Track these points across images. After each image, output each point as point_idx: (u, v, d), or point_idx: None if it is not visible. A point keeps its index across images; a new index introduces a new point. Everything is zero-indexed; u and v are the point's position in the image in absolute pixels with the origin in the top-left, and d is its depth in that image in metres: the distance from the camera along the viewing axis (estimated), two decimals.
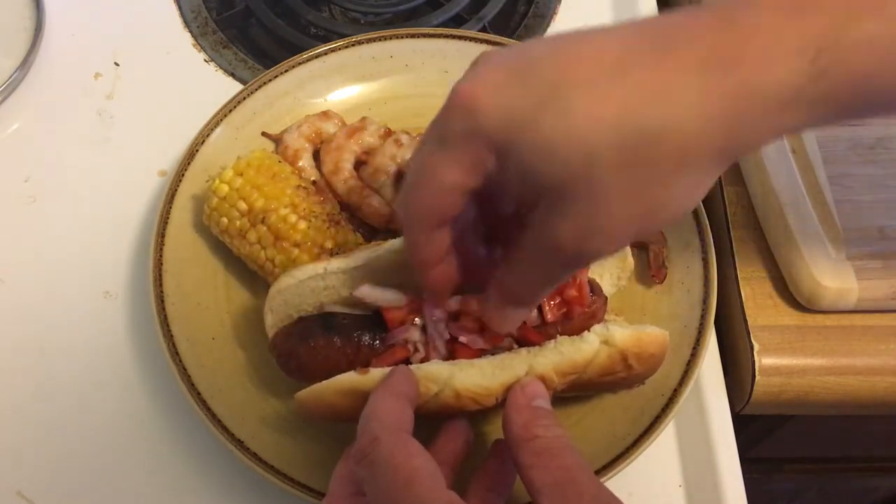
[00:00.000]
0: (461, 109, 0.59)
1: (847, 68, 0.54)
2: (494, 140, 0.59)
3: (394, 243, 0.80)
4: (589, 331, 0.76)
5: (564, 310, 0.77)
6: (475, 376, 0.73)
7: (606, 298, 0.82)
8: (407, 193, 0.66)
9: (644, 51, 0.57)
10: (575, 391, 0.79)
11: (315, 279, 0.79)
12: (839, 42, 0.54)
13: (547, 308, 0.77)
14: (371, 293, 0.77)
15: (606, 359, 0.76)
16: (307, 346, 0.77)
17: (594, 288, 0.80)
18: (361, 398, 0.71)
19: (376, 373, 0.74)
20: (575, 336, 0.76)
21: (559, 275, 0.66)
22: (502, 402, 0.74)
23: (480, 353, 0.76)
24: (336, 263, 0.79)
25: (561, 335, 0.77)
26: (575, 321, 0.77)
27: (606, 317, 0.81)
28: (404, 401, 0.68)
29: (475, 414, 0.76)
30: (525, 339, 0.77)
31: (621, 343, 0.76)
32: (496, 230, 0.73)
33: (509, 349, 0.76)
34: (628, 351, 0.76)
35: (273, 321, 0.81)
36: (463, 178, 0.61)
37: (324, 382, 0.75)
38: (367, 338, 0.77)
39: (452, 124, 0.60)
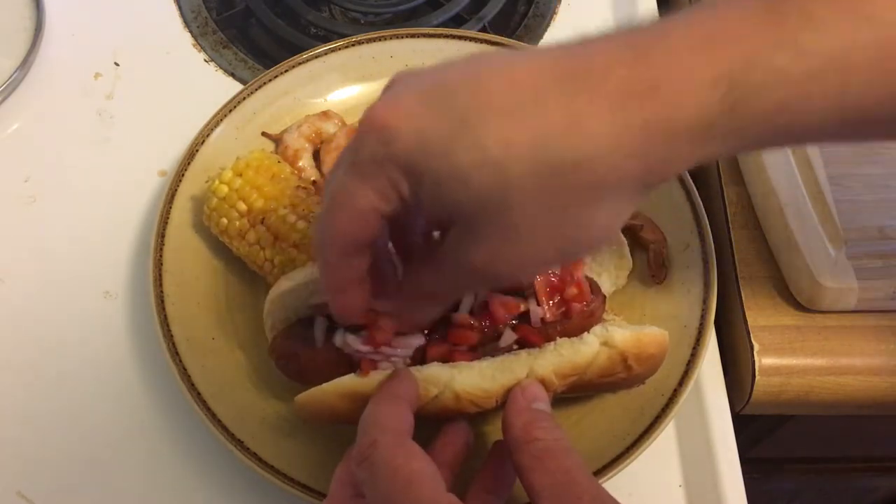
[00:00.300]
0: (375, 134, 0.59)
1: (758, 102, 0.54)
2: (407, 166, 0.58)
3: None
4: (588, 332, 0.76)
5: (563, 308, 0.77)
6: (475, 378, 0.73)
7: (605, 297, 0.82)
8: (322, 218, 0.65)
9: (559, 81, 0.56)
10: (575, 392, 0.79)
11: (315, 282, 0.79)
12: (749, 76, 0.53)
13: (546, 307, 0.77)
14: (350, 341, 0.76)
15: (606, 360, 0.76)
16: (306, 349, 0.77)
17: (592, 287, 0.80)
18: (361, 401, 0.71)
19: (376, 375, 0.73)
20: (574, 338, 0.76)
21: (473, 289, 0.69)
22: (502, 405, 0.74)
23: (476, 356, 0.75)
24: None
25: (560, 336, 0.77)
26: (574, 320, 0.77)
27: (606, 317, 0.81)
28: (405, 404, 0.69)
29: (474, 416, 0.76)
30: (525, 341, 0.77)
31: (621, 344, 0.76)
32: (407, 247, 0.73)
33: (509, 351, 0.76)
34: (628, 352, 0.76)
35: (273, 324, 0.81)
36: (377, 202, 0.61)
37: (323, 385, 0.75)
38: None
39: (366, 149, 0.60)
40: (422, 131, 0.57)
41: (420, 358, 0.76)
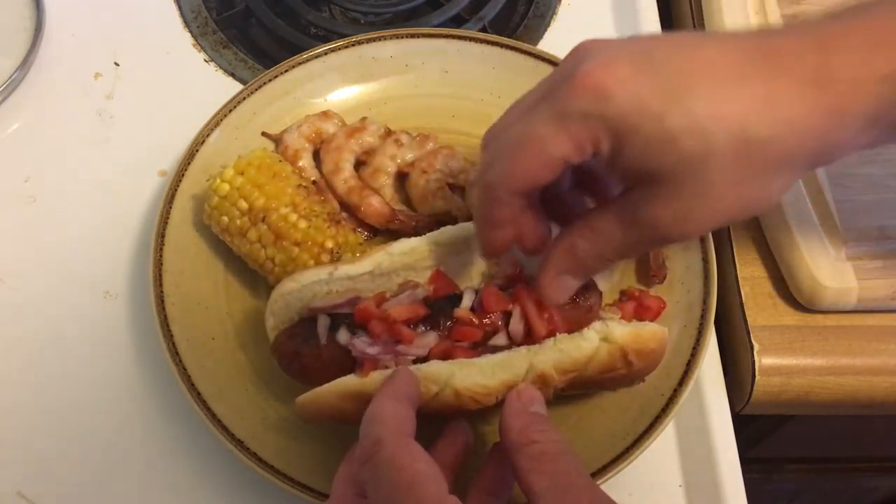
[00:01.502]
0: (589, 92, 0.65)
1: None
2: (617, 125, 0.65)
3: (401, 247, 0.80)
4: (588, 328, 0.76)
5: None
6: (475, 376, 0.73)
7: (601, 294, 0.82)
8: (506, 154, 0.70)
9: (759, 64, 0.65)
10: (576, 389, 0.79)
11: (319, 284, 0.79)
12: None
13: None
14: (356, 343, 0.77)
15: (606, 356, 0.76)
16: (310, 348, 0.77)
17: (589, 283, 0.81)
18: (362, 401, 0.71)
19: (377, 375, 0.74)
20: (574, 333, 0.76)
21: (638, 251, 0.74)
22: (503, 401, 0.74)
23: (476, 353, 0.75)
24: (343, 269, 0.79)
25: (560, 332, 0.77)
26: (571, 314, 0.78)
27: (605, 314, 0.81)
28: (406, 403, 0.69)
29: (475, 413, 0.76)
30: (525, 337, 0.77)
31: (621, 339, 0.76)
32: (553, 205, 0.78)
33: (508, 348, 0.76)
34: (628, 347, 0.76)
35: (275, 323, 0.81)
36: (570, 152, 0.67)
37: (324, 386, 0.75)
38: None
39: (576, 103, 0.65)
40: (637, 95, 0.64)
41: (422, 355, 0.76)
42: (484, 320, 0.77)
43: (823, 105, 0.64)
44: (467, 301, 0.77)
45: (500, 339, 0.77)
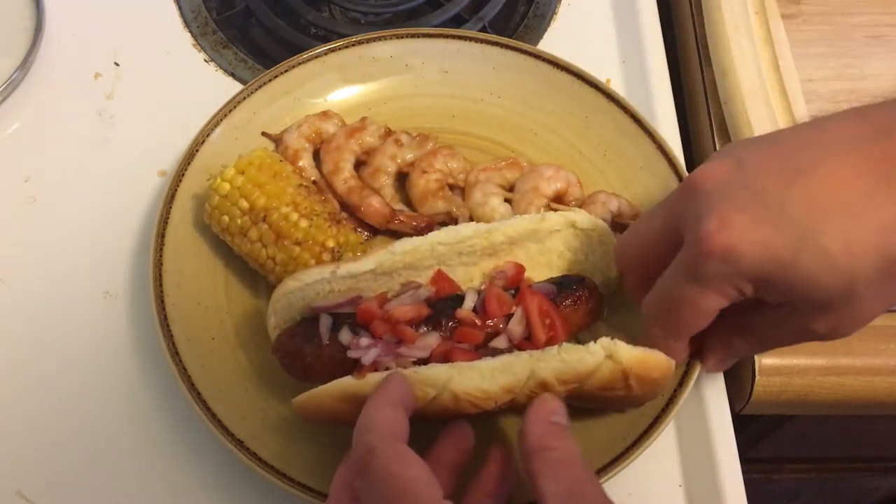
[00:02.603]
0: (719, 257, 0.68)
1: None
2: (755, 278, 0.68)
3: (404, 245, 0.80)
4: (595, 342, 0.75)
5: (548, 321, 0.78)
6: (474, 380, 0.73)
7: (603, 297, 0.82)
8: (668, 317, 0.75)
9: (878, 176, 0.66)
10: (574, 401, 0.79)
11: (321, 283, 0.78)
12: None
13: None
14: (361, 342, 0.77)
15: (608, 374, 0.75)
16: (311, 348, 0.77)
17: (589, 286, 0.81)
18: (358, 403, 0.71)
19: (373, 377, 0.73)
20: (580, 345, 0.75)
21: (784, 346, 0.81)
22: (502, 406, 0.74)
23: (477, 356, 0.75)
24: (345, 268, 0.79)
25: (560, 338, 0.76)
26: (571, 317, 0.78)
27: (613, 336, 0.80)
28: (399, 408, 0.69)
29: (474, 417, 0.76)
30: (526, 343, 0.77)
31: (626, 361, 0.74)
32: None
33: (509, 350, 0.76)
34: (631, 371, 0.75)
35: (276, 323, 0.81)
36: (721, 303, 0.71)
37: (321, 387, 0.75)
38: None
39: (710, 269, 0.68)
40: (765, 246, 0.66)
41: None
42: (486, 322, 0.76)
43: None
44: (469, 302, 0.77)
45: (500, 342, 0.76)
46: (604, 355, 0.74)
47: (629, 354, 0.75)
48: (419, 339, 0.75)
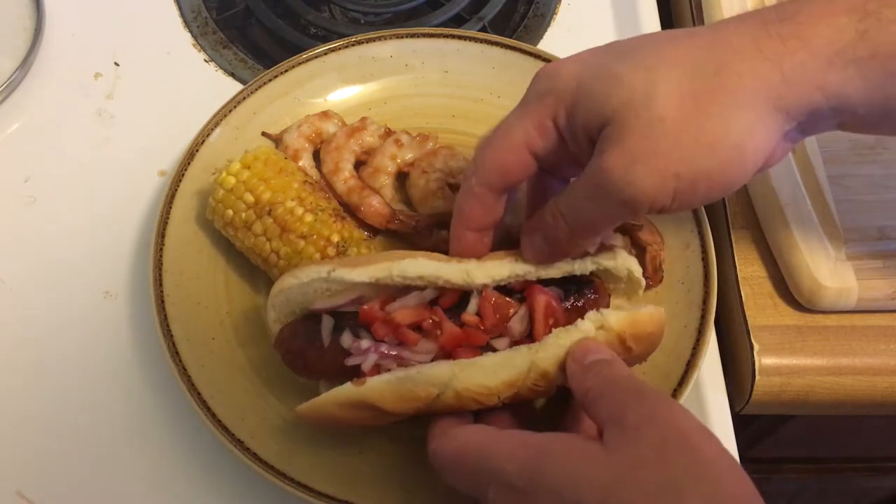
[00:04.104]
0: (542, 76, 0.68)
1: (888, 31, 0.61)
2: (567, 91, 0.66)
3: (406, 271, 0.76)
4: (583, 318, 0.75)
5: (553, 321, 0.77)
6: (477, 376, 0.73)
7: (609, 294, 0.82)
8: (479, 151, 0.71)
9: (711, 26, 0.67)
10: None
11: (318, 282, 0.78)
12: (882, 9, 0.61)
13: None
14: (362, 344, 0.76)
15: (605, 344, 0.74)
16: (312, 349, 0.76)
17: (598, 289, 0.80)
18: (362, 408, 0.71)
19: (373, 382, 0.73)
20: (570, 326, 0.74)
21: (604, 220, 0.70)
22: (505, 402, 0.74)
23: (477, 353, 0.75)
24: (341, 272, 0.77)
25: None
26: (574, 316, 0.77)
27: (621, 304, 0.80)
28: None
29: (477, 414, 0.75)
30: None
31: (617, 326, 0.74)
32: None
33: (510, 346, 0.75)
34: (625, 333, 0.74)
35: (276, 316, 0.81)
36: (534, 136, 0.68)
37: (322, 396, 0.74)
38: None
39: (532, 89, 0.68)
40: (584, 61, 0.67)
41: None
42: (490, 324, 0.75)
43: (777, 32, 0.62)
44: (473, 305, 0.76)
45: (501, 343, 0.76)
46: (595, 328, 0.74)
47: (618, 319, 0.74)
48: (421, 342, 0.74)
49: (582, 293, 0.79)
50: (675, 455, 0.57)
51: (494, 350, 0.75)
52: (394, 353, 0.74)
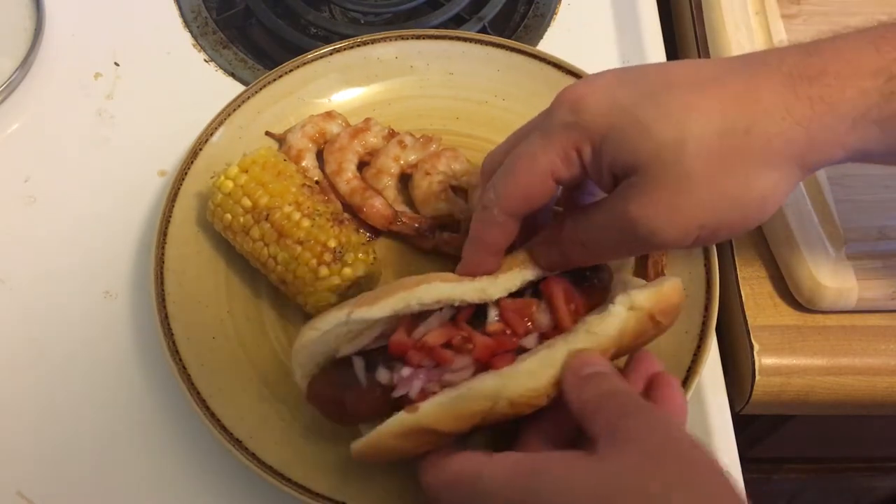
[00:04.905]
0: (567, 104, 0.68)
1: None
2: (594, 128, 0.66)
3: (423, 297, 0.75)
4: (613, 302, 0.74)
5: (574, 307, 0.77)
6: (524, 381, 0.71)
7: (612, 271, 0.81)
8: (501, 176, 0.71)
9: (737, 67, 0.66)
10: (615, 360, 0.78)
11: (339, 327, 0.76)
12: None
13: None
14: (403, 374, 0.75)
15: (636, 323, 0.74)
16: (351, 393, 0.75)
17: (607, 271, 0.80)
18: (420, 433, 0.70)
19: (425, 406, 0.71)
20: (601, 312, 0.74)
21: (618, 252, 0.73)
22: (552, 399, 0.72)
23: (513, 358, 0.73)
24: (360, 312, 0.75)
25: (586, 315, 0.75)
26: (590, 299, 0.77)
27: (624, 278, 0.80)
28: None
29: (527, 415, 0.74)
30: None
31: (647, 304, 0.74)
32: None
33: (541, 341, 0.74)
34: (654, 309, 0.74)
35: (302, 374, 0.79)
36: (558, 165, 0.68)
37: (377, 430, 0.72)
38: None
39: (556, 118, 0.68)
40: (612, 97, 0.66)
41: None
42: (517, 328, 0.75)
43: (805, 94, 0.63)
44: (493, 315, 0.76)
45: (530, 341, 0.75)
46: (626, 309, 0.74)
47: (647, 297, 0.74)
48: (456, 359, 0.73)
49: (592, 275, 0.79)
50: (669, 462, 0.59)
51: (525, 349, 0.75)
52: (435, 375, 0.73)
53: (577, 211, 0.74)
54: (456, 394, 0.71)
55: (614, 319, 0.73)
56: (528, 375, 0.72)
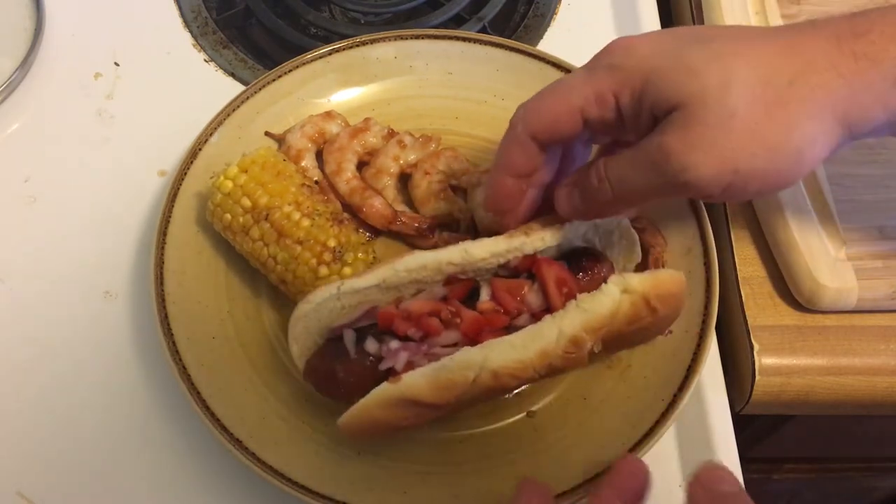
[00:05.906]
0: (618, 49, 0.70)
1: None
2: (639, 72, 0.67)
3: (408, 263, 0.78)
4: (606, 283, 0.75)
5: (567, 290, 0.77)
6: (508, 352, 0.73)
7: (612, 263, 0.82)
8: (534, 97, 0.72)
9: (784, 29, 0.69)
10: (612, 350, 0.78)
11: (331, 300, 0.78)
12: None
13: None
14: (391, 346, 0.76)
15: (630, 307, 0.75)
16: (342, 365, 0.76)
17: (598, 256, 0.81)
18: (403, 405, 0.71)
19: (409, 377, 0.72)
20: (595, 291, 0.75)
21: (647, 193, 0.71)
22: (541, 373, 0.73)
23: (504, 332, 0.74)
24: (349, 283, 0.78)
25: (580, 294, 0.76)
26: (586, 286, 0.77)
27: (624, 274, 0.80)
28: None
29: (514, 389, 0.75)
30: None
31: (641, 287, 0.75)
32: None
33: (535, 320, 0.75)
34: (649, 293, 0.75)
35: (299, 350, 0.80)
36: (590, 103, 0.69)
37: (362, 401, 0.74)
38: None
39: (603, 59, 0.69)
40: (660, 44, 0.68)
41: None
42: (508, 306, 0.76)
43: (849, 50, 0.64)
44: (486, 293, 0.77)
45: (522, 321, 0.76)
46: (619, 291, 0.75)
47: (641, 281, 0.75)
48: (444, 332, 0.75)
49: (589, 262, 0.79)
50: None
51: (518, 329, 0.75)
52: (423, 348, 0.74)
53: (607, 152, 0.74)
54: (439, 364, 0.72)
55: (606, 298, 0.74)
56: (513, 347, 0.73)
